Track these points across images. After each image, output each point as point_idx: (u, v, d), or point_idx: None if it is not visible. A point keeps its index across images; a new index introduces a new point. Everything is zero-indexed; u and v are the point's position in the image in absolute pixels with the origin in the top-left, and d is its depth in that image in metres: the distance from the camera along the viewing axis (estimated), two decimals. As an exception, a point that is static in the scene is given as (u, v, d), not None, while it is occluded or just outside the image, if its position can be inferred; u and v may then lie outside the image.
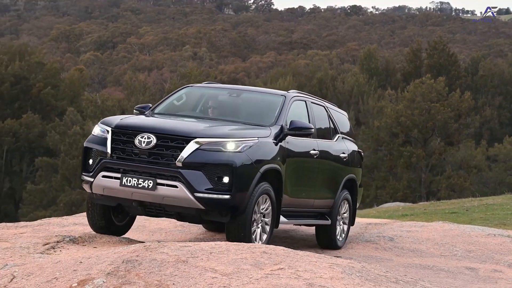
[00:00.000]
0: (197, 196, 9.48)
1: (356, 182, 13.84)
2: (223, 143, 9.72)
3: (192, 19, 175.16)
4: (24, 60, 67.09)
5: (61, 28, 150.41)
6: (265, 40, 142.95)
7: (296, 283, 7.27)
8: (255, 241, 9.98)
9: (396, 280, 8.29)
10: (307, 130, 11.02)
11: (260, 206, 10.17)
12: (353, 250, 12.98)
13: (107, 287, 7.29)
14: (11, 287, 7.76)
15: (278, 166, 10.46)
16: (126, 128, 10.05)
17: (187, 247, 8.21)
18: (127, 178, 9.67)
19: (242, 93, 12.49)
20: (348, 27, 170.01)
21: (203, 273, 7.46)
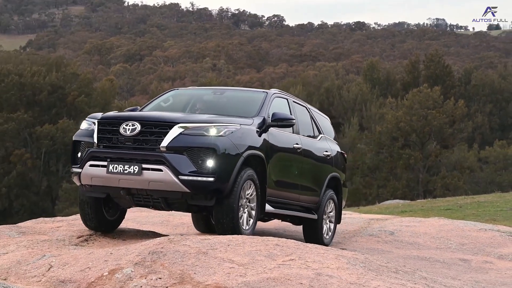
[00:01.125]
0: (182, 179, 8.91)
1: (340, 181, 13.15)
2: (206, 128, 9.16)
3: (211, 34, 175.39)
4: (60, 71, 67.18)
5: (94, 42, 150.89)
6: (277, 53, 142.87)
7: (306, 273, 7.26)
8: (242, 226, 9.45)
9: (396, 270, 8.28)
10: (288, 121, 10.49)
11: (245, 191, 9.56)
12: (357, 243, 12.96)
13: (135, 276, 7.31)
14: (49, 275, 7.77)
15: (262, 154, 9.91)
16: (112, 118, 9.49)
17: (207, 240, 8.22)
18: (114, 165, 9.08)
19: (226, 92, 12.04)
20: (353, 41, 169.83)
21: (221, 263, 7.47)
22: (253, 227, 9.83)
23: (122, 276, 7.36)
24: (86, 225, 10.18)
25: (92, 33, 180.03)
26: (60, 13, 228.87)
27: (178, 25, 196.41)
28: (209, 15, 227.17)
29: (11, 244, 9.47)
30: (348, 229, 14.39)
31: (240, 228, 9.32)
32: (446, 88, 68.15)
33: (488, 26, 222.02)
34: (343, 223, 15.07)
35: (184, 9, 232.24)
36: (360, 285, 7.15)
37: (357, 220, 15.86)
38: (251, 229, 9.75)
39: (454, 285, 8.40)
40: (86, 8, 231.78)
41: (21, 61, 72.99)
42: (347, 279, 7.29)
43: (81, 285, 7.33)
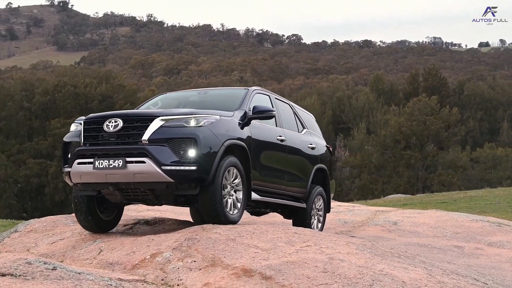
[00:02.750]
0: (164, 169, 8.13)
1: (326, 172, 12.27)
2: (186, 119, 8.46)
3: (239, 51, 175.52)
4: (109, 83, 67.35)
5: (138, 58, 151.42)
6: (296, 67, 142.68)
7: (320, 257, 7.25)
8: (227, 212, 8.70)
9: (399, 255, 8.25)
10: (269, 112, 9.74)
11: (229, 178, 8.81)
12: (364, 232, 12.92)
13: (173, 259, 7.33)
14: (99, 258, 7.81)
15: (244, 143, 9.16)
16: (95, 117, 8.75)
17: (235, 228, 8.22)
18: (99, 161, 8.30)
19: (210, 91, 11.20)
20: (361, 57, 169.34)
21: (247, 249, 7.47)
22: (240, 213, 9.06)
23: (162, 259, 7.38)
24: (82, 226, 9.28)
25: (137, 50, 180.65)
26: (109, 33, 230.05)
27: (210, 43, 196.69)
28: (237, 34, 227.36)
29: (67, 231, 9.53)
30: (357, 220, 14.34)
31: (225, 213, 8.61)
32: (442, 97, 67.84)
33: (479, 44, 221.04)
34: (353, 215, 15.04)
35: (216, 29, 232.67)
36: (367, 268, 7.13)
37: (365, 212, 15.80)
38: (238, 214, 8.99)
39: (450, 269, 8.35)
40: (131, 28, 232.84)
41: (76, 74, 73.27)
42: (356, 262, 7.27)
43: (126, 267, 7.36)
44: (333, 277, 6.75)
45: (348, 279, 6.74)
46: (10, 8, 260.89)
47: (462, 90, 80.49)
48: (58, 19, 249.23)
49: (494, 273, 9.46)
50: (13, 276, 5.38)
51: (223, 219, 8.55)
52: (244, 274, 6.78)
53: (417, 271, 7.52)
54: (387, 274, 7.08)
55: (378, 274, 7.03)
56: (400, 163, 55.58)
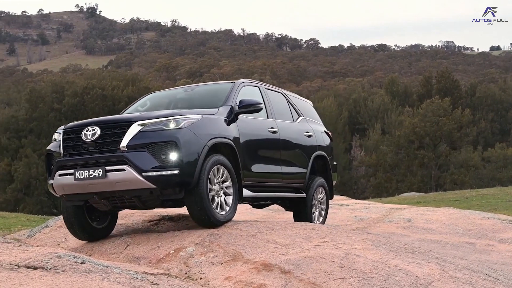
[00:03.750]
0: (145, 175, 7.55)
1: (326, 158, 11.50)
2: (165, 122, 7.82)
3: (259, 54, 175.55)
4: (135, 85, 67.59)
5: (162, 61, 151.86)
6: (313, 70, 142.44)
7: (337, 253, 7.24)
8: (216, 212, 8.12)
9: (412, 251, 8.21)
10: (256, 106, 9.06)
11: (217, 177, 8.21)
12: (380, 228, 12.88)
13: (196, 253, 7.34)
14: (125, 252, 7.84)
15: (231, 141, 8.53)
16: (73, 127, 8.17)
17: (255, 225, 8.23)
18: (79, 171, 7.75)
19: (196, 88, 10.46)
20: (376, 60, 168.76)
21: (267, 244, 7.47)
22: (231, 212, 8.42)
23: (185, 253, 7.39)
24: (74, 236, 8.83)
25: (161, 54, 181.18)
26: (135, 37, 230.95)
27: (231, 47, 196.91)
28: (257, 39, 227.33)
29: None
30: (372, 217, 14.30)
31: (213, 213, 8.03)
32: (454, 99, 67.45)
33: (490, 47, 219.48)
34: (369, 212, 14.99)
35: (237, 34, 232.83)
36: (382, 263, 7.11)
37: (380, 209, 15.75)
38: (229, 213, 8.37)
39: (462, 264, 8.30)
40: (156, 33, 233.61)
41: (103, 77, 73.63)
42: (372, 258, 7.25)
43: (152, 261, 7.38)
44: (349, 271, 6.74)
45: (364, 273, 6.72)
46: (42, 14, 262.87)
47: (474, 92, 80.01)
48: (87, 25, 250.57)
49: (505, 269, 9.39)
50: (44, 269, 5.42)
51: (212, 220, 8.04)
52: (264, 269, 6.78)
53: (431, 266, 7.49)
54: (402, 269, 7.06)
55: (393, 269, 7.01)
56: (414, 162, 55.36)
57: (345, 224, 12.96)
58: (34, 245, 9.04)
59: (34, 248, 6.44)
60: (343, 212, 14.77)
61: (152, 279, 5.93)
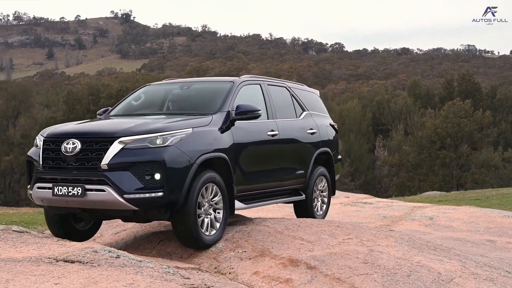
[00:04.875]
0: (127, 198, 6.75)
1: (330, 154, 10.57)
2: (150, 139, 6.94)
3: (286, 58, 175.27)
4: (167, 88, 68.07)
5: (193, 65, 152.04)
6: (338, 73, 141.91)
7: (361, 249, 7.21)
8: (204, 234, 7.31)
9: (434, 248, 8.16)
10: (253, 113, 8.12)
11: (206, 196, 7.40)
12: (402, 226, 12.79)
13: (225, 249, 7.36)
14: (158, 248, 7.85)
15: (224, 154, 7.65)
16: (55, 136, 7.33)
17: (282, 222, 8.23)
18: (58, 187, 6.99)
19: (193, 85, 9.32)
20: (399, 63, 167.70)
21: (293, 240, 7.47)
22: (220, 232, 7.60)
23: (215, 249, 7.41)
24: (55, 235, 7.96)
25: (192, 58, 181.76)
26: (167, 42, 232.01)
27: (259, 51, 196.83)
28: (284, 43, 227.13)
29: (129, 223, 9.63)
30: (395, 215, 14.21)
31: (199, 235, 7.23)
32: (475, 101, 66.83)
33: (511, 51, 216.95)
34: (392, 210, 14.90)
35: (264, 38, 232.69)
36: (405, 260, 7.07)
37: (403, 207, 15.65)
38: (217, 234, 7.54)
39: (482, 261, 8.23)
40: (187, 38, 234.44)
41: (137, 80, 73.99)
42: (395, 254, 7.22)
43: (183, 256, 7.41)
44: (373, 267, 6.72)
45: (387, 269, 6.69)
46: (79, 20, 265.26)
47: (494, 94, 79.23)
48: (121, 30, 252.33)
49: (525, 266, 9.28)
50: (81, 263, 5.46)
51: (199, 243, 7.30)
52: (290, 264, 6.78)
53: (452, 263, 7.44)
54: (424, 265, 7.01)
55: (415, 265, 6.97)
56: (436, 162, 54.99)
57: (369, 221, 12.90)
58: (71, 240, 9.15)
59: (72, 243, 6.50)
60: (367, 210, 14.70)
61: (184, 273, 5.96)
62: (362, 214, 14.07)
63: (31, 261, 5.40)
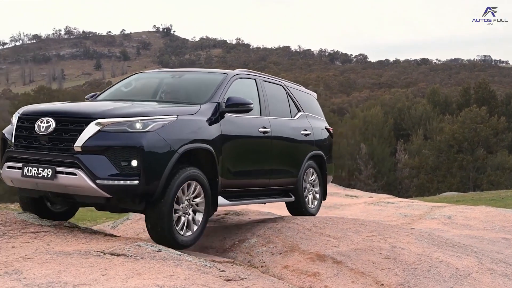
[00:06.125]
0: (99, 183, 5.86)
1: (323, 158, 9.63)
2: (129, 123, 6.04)
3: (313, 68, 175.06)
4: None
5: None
6: (362, 82, 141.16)
7: (384, 245, 7.16)
8: (178, 233, 6.37)
9: (452, 245, 8.07)
10: (245, 106, 7.21)
11: (186, 193, 6.50)
12: (422, 224, 12.68)
13: (257, 244, 7.36)
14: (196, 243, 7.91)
15: (209, 146, 6.72)
16: (30, 113, 6.43)
17: (310, 219, 8.20)
18: (28, 168, 6.13)
19: (185, 74, 8.31)
20: (419, 72, 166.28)
21: (320, 237, 7.44)
22: (197, 235, 6.67)
23: (248, 244, 7.42)
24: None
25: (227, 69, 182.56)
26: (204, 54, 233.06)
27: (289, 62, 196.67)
28: (311, 54, 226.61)
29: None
30: (415, 214, 14.09)
31: (174, 235, 6.30)
32: (491, 108, 65.88)
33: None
34: (412, 209, 14.78)
35: (293, 50, 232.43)
36: (425, 256, 7.01)
37: (422, 207, 15.51)
38: (193, 236, 6.61)
39: (498, 258, 8.12)
40: (223, 50, 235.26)
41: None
42: (415, 251, 7.15)
43: (219, 250, 7.43)
44: (395, 262, 6.67)
45: (408, 264, 6.64)
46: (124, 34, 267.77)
47: (509, 101, 77.96)
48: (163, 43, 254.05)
49: (539, 263, 9.14)
50: (126, 256, 5.50)
51: (171, 242, 6.31)
52: (318, 259, 6.76)
53: (469, 259, 7.35)
54: (443, 261, 6.94)
55: (435, 261, 6.90)
56: (454, 165, 54.52)
57: (390, 220, 12.80)
58: (117, 235, 9.22)
59: (118, 238, 6.55)
60: (389, 209, 14.59)
61: (219, 267, 5.97)
62: (384, 213, 13.98)
63: (80, 254, 5.46)
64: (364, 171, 57.57)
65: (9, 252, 5.50)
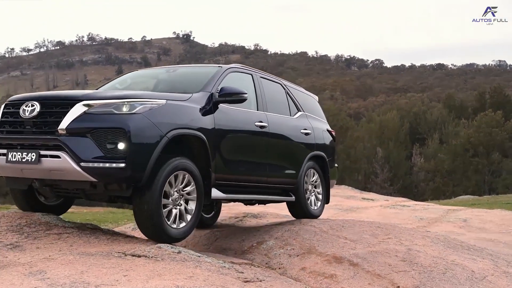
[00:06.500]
0: (84, 166, 5.51)
1: (325, 159, 9.21)
2: (116, 105, 5.72)
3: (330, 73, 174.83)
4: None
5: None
6: (378, 87, 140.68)
7: (400, 248, 7.12)
8: (168, 225, 6.03)
9: (468, 248, 8.01)
10: (238, 95, 6.85)
11: (174, 185, 6.13)
12: (438, 227, 12.59)
13: (275, 246, 7.35)
14: (215, 244, 7.91)
15: (201, 134, 6.37)
16: (17, 99, 6.16)
17: (327, 222, 8.18)
18: (13, 153, 5.82)
19: (179, 69, 8.13)
20: (435, 77, 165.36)
21: (337, 239, 7.42)
22: (189, 227, 6.33)
23: (266, 246, 7.41)
24: (22, 210, 6.89)
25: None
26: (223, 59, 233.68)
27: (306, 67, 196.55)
28: (328, 59, 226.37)
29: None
30: (431, 217, 14.01)
31: (163, 226, 5.96)
32: (506, 112, 65.32)
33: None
34: (428, 212, 14.70)
35: (311, 55, 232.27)
36: (441, 258, 6.96)
37: (438, 210, 15.41)
38: (185, 229, 6.29)
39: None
40: (241, 56, 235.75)
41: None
42: (431, 253, 7.11)
43: (237, 252, 7.43)
44: (411, 265, 6.63)
45: (424, 267, 6.60)
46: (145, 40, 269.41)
47: (524, 106, 77.57)
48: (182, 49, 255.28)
49: (554, 266, 9.04)
50: (146, 257, 5.52)
51: (161, 234, 6.01)
52: (334, 261, 6.73)
53: (485, 262, 7.29)
54: (458, 264, 6.89)
55: (450, 263, 6.85)
56: (469, 168, 54.18)
57: (406, 223, 12.73)
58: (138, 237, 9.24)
59: (138, 239, 6.58)
60: (405, 212, 14.52)
61: (238, 268, 5.97)
62: (400, 216, 13.91)
63: (102, 255, 5.49)
64: (380, 174, 57.34)
65: (33, 253, 5.55)
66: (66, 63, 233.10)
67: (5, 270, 4.99)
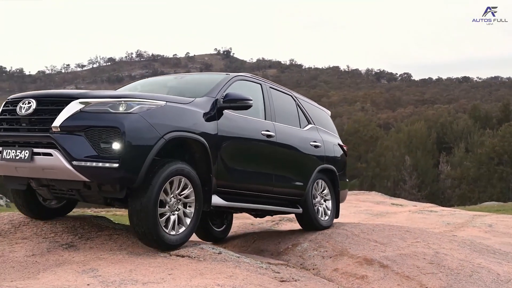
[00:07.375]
0: (76, 164, 5.02)
1: (335, 173, 8.58)
2: (112, 104, 5.24)
3: (360, 86, 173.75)
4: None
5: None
6: (406, 99, 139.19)
7: (428, 251, 7.03)
8: (164, 231, 5.49)
9: (494, 251, 7.85)
10: (243, 102, 6.30)
11: (171, 192, 5.57)
12: (464, 232, 12.38)
13: (309, 248, 7.32)
14: (253, 246, 7.91)
15: (202, 138, 5.85)
16: (15, 98, 5.70)
17: (358, 226, 8.11)
18: (7, 150, 5.36)
19: (187, 76, 7.69)
20: (461, 90, 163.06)
21: (368, 242, 7.35)
22: (187, 232, 5.78)
23: (301, 248, 7.39)
24: (23, 214, 6.46)
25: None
26: (261, 74, 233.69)
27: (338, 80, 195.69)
28: (359, 73, 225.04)
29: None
30: (458, 222, 13.78)
31: (159, 232, 5.42)
32: (530, 122, 64.29)
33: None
34: (454, 217, 14.46)
35: (342, 70, 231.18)
36: (467, 262, 6.84)
37: (464, 215, 15.15)
38: (183, 234, 5.74)
39: (538, 264, 7.84)
40: (277, 70, 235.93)
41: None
42: (458, 256, 6.99)
43: (274, 253, 7.42)
44: (438, 267, 6.53)
45: (451, 269, 6.49)
46: (188, 56, 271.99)
47: (547, 116, 75.89)
48: (223, 64, 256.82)
49: None
50: (190, 257, 5.55)
51: (156, 240, 5.48)
52: (365, 263, 6.67)
53: (510, 265, 7.14)
54: (484, 267, 6.76)
55: (477, 266, 6.72)
56: (494, 176, 53.22)
57: (434, 227, 12.54)
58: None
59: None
60: (432, 217, 14.31)
61: (274, 268, 5.96)
62: (428, 221, 13.71)
63: (149, 255, 5.53)
64: (409, 181, 56.68)
65: (86, 252, 5.63)
66: (117, 78, 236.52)
67: (61, 268, 5.08)
